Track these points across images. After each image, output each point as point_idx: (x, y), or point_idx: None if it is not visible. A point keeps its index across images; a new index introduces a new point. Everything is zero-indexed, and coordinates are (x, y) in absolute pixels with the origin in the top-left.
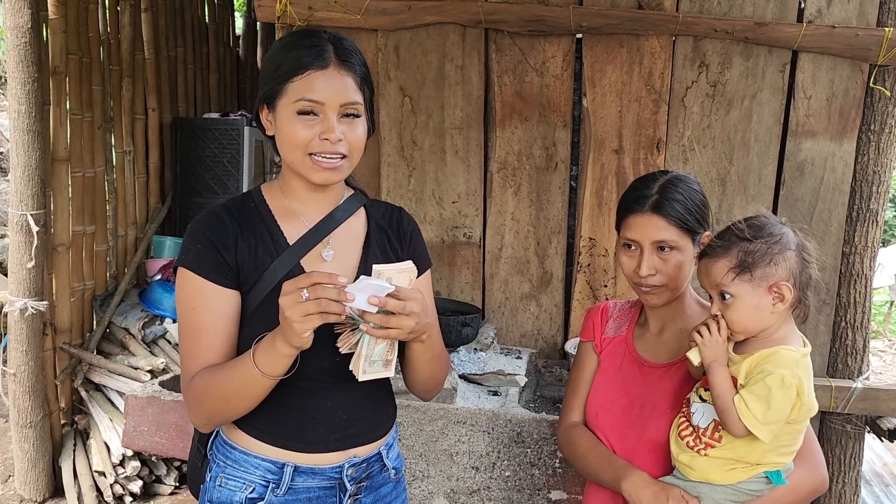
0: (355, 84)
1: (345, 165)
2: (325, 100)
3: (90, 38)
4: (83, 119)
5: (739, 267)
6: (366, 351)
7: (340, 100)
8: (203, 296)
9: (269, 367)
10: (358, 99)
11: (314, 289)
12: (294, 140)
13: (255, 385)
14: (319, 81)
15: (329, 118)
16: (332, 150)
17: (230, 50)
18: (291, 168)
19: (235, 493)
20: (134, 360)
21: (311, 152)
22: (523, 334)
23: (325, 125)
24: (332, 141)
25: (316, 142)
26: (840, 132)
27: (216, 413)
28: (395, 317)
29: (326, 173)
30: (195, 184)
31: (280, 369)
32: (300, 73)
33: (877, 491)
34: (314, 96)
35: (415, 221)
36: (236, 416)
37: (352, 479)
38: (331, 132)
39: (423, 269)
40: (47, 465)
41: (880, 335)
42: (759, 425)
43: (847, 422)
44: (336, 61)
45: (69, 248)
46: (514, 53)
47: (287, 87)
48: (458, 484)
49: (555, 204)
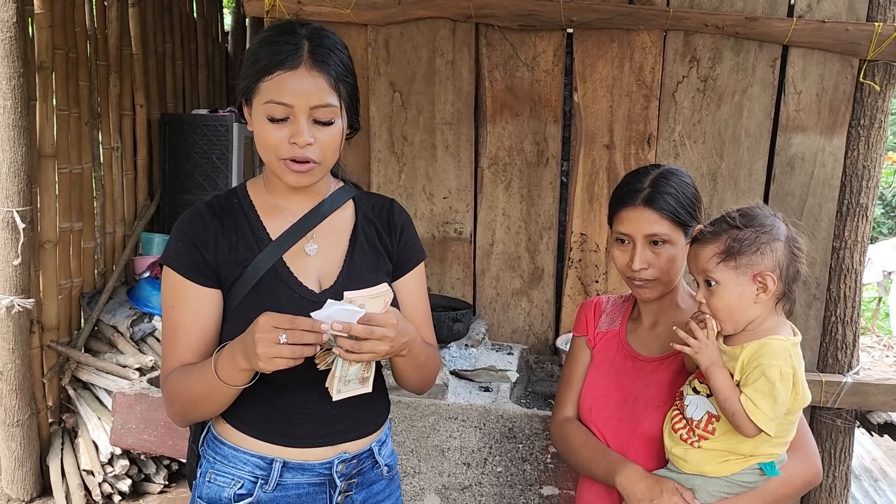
0: (328, 85)
1: (316, 169)
2: (293, 102)
3: (77, 32)
4: (70, 115)
5: (725, 253)
6: (339, 372)
7: (311, 102)
8: (182, 294)
9: (229, 378)
10: (331, 101)
11: (293, 334)
12: (265, 143)
13: (218, 392)
14: (289, 83)
15: (299, 121)
16: (301, 155)
17: (219, 46)
18: (268, 167)
19: (224, 489)
20: (122, 357)
21: (281, 157)
22: (514, 330)
23: (294, 128)
24: (301, 145)
25: (285, 146)
26: (830, 127)
27: (187, 413)
28: (367, 341)
29: (298, 177)
30: (184, 180)
31: (240, 381)
32: (271, 73)
33: (866, 486)
34: (283, 99)
35: (407, 213)
36: (208, 416)
37: (342, 475)
38: (299, 136)
39: (417, 261)
40: (35, 465)
41: (868, 331)
42: (768, 422)
43: (837, 416)
44: (309, 61)
45: (56, 246)
46: (505, 48)
47: (259, 85)
48: (450, 480)
49: (546, 199)
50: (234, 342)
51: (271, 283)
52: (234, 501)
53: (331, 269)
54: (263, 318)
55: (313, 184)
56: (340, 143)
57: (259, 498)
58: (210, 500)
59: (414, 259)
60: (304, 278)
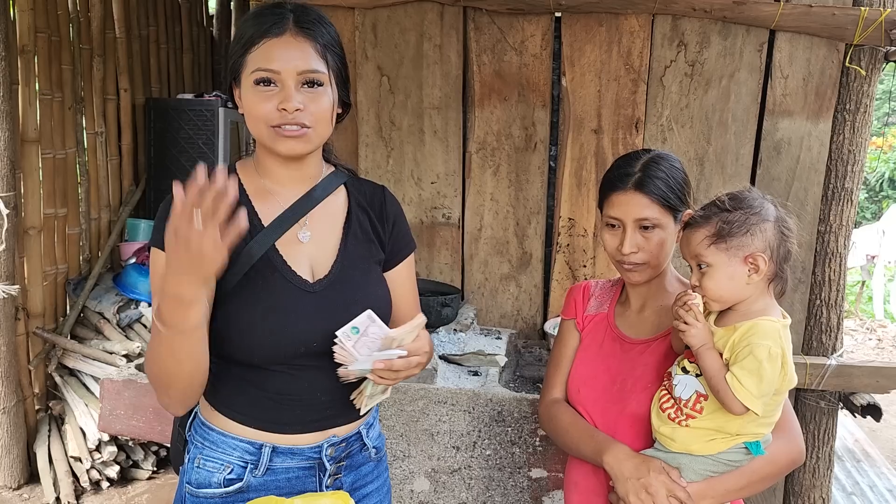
0: (315, 52)
1: (310, 134)
2: (280, 68)
3: (59, 16)
4: (53, 99)
5: (716, 235)
6: (370, 391)
7: (297, 68)
8: None
9: (172, 316)
10: (318, 67)
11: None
12: (254, 112)
13: (173, 342)
14: (276, 50)
15: (287, 87)
16: (291, 120)
17: (204, 29)
18: (260, 143)
19: (214, 475)
20: (109, 344)
21: (272, 125)
22: (503, 315)
23: (282, 94)
24: (290, 111)
25: (275, 114)
26: (816, 112)
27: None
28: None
29: (290, 142)
30: (169, 166)
31: (183, 317)
32: (257, 43)
33: (848, 467)
34: (270, 65)
35: (398, 202)
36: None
37: (331, 458)
38: (288, 101)
39: (408, 252)
40: (22, 452)
41: (852, 314)
42: (753, 399)
43: (821, 398)
44: (294, 28)
45: (41, 232)
46: (493, 32)
47: (247, 58)
48: (439, 463)
49: (534, 184)
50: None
51: (264, 271)
52: (223, 486)
53: (324, 258)
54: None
55: (308, 153)
56: (332, 114)
57: (249, 483)
58: (199, 486)
59: (405, 250)
60: (296, 266)
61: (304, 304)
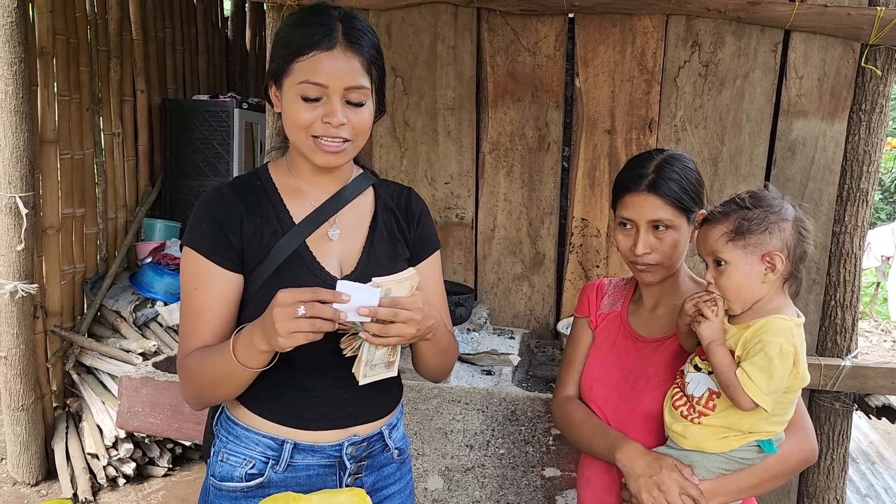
0: (362, 67)
1: (349, 149)
2: (328, 83)
3: (77, 18)
4: (71, 100)
5: (735, 232)
6: (366, 356)
7: (345, 83)
8: (205, 277)
9: (248, 360)
10: (364, 83)
11: (312, 307)
12: (297, 122)
13: (236, 374)
14: (325, 63)
15: (333, 101)
16: (334, 133)
17: (219, 31)
18: (296, 148)
19: (236, 469)
20: (125, 342)
21: (313, 134)
22: (516, 314)
23: (328, 108)
24: (335, 125)
25: (318, 124)
26: (831, 112)
27: (204, 395)
28: (394, 325)
29: (328, 157)
30: (185, 166)
31: (258, 364)
32: (306, 53)
33: (863, 468)
34: (318, 79)
35: (423, 202)
36: (223, 399)
37: (352, 457)
38: (333, 116)
39: (432, 250)
40: (40, 448)
41: (867, 316)
42: (763, 395)
43: (836, 399)
44: (343, 42)
45: (59, 231)
46: (507, 33)
47: (293, 66)
48: (453, 462)
49: (547, 184)
50: (252, 324)
51: (294, 266)
52: (245, 480)
53: (351, 255)
54: (283, 293)
55: (342, 164)
56: (370, 125)
57: (270, 478)
58: (222, 479)
59: (430, 247)
60: (325, 263)
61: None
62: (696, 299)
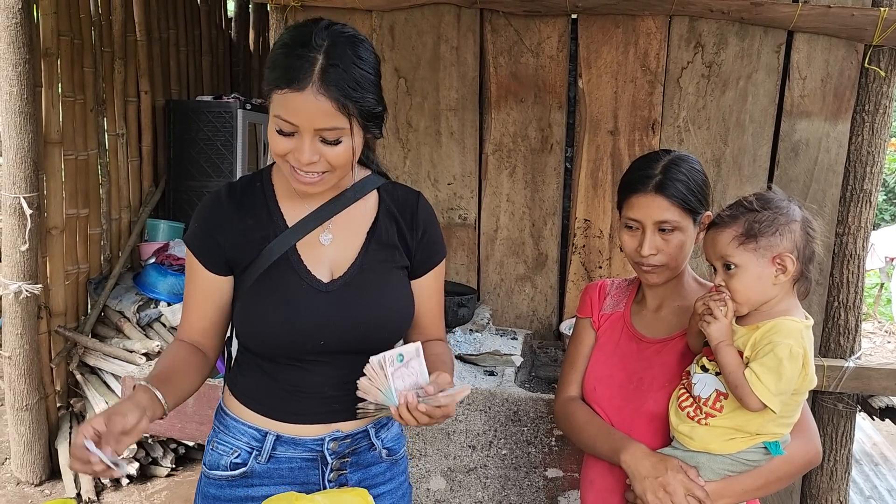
0: (336, 109)
1: (327, 178)
2: (299, 123)
3: (81, 19)
4: (75, 101)
5: (745, 235)
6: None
7: (315, 125)
8: (194, 274)
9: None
10: (336, 124)
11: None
12: (274, 149)
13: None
14: (294, 103)
15: (303, 140)
16: (308, 169)
17: (223, 32)
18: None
19: (223, 457)
20: (129, 343)
21: (290, 163)
22: (518, 315)
23: (298, 145)
24: (304, 163)
25: (292, 156)
26: (834, 113)
27: None
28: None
29: (305, 186)
30: (189, 167)
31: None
32: (281, 89)
33: (866, 470)
34: (289, 118)
35: (431, 209)
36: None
37: (333, 453)
38: (300, 154)
39: (437, 261)
40: (43, 448)
41: (870, 317)
42: (771, 396)
43: (839, 400)
44: (317, 82)
45: (63, 232)
46: (510, 34)
47: (272, 96)
48: (455, 462)
49: (550, 185)
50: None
51: (281, 270)
52: (230, 469)
53: (344, 260)
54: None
55: (321, 191)
56: (351, 156)
57: (253, 468)
58: (211, 467)
59: (436, 257)
60: (314, 268)
61: (315, 301)
62: (707, 299)
